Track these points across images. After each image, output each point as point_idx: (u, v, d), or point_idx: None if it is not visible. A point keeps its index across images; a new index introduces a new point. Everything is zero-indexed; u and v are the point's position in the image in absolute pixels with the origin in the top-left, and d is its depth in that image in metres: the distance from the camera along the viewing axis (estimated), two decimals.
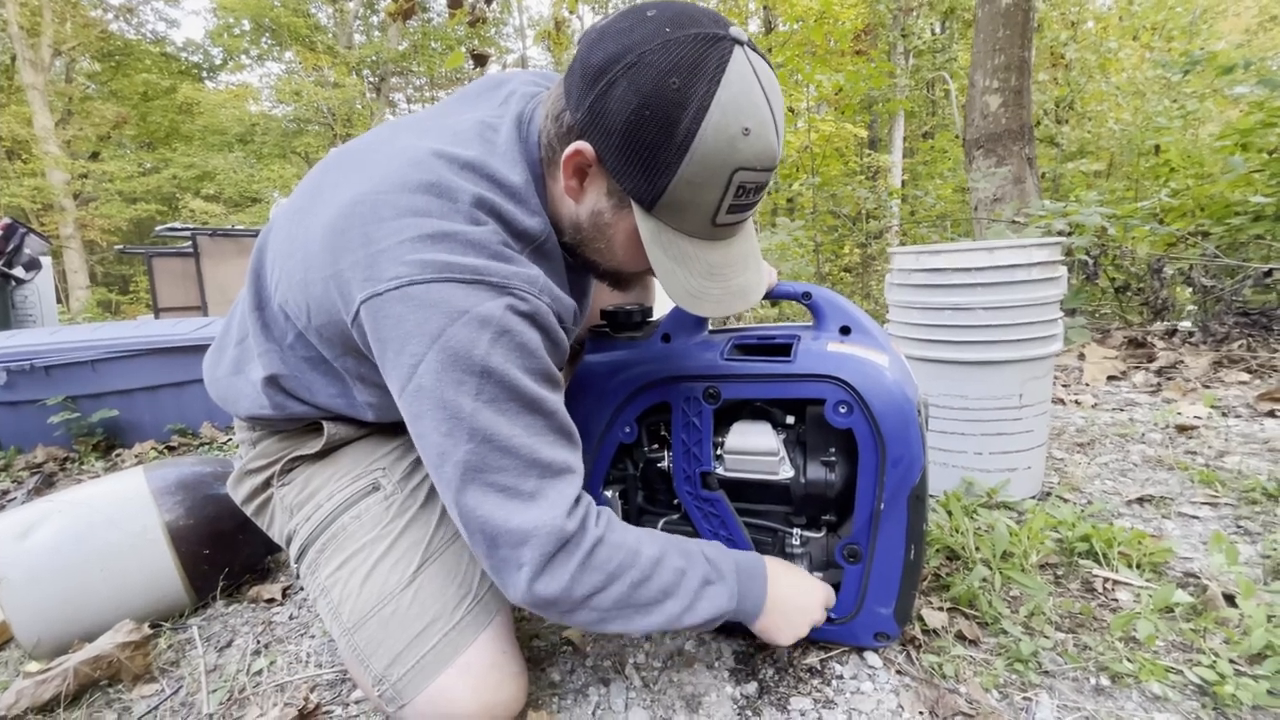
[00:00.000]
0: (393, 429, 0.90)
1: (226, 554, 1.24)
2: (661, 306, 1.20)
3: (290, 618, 1.17)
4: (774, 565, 0.86)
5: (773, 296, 0.95)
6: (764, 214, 8.58)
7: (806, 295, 0.95)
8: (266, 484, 0.91)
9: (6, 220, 3.68)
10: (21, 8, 10.71)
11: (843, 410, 0.86)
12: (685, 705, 0.88)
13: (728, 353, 0.94)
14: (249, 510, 0.95)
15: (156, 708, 0.94)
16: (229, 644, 1.10)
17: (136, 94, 14.67)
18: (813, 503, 0.93)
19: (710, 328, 1.05)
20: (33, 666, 1.02)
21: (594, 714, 0.88)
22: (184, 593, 1.18)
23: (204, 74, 16.67)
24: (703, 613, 0.74)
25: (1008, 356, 1.30)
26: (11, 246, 3.68)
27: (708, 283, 0.70)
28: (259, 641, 1.10)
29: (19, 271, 3.77)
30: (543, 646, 1.02)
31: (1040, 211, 2.91)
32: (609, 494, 1.04)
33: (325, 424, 0.87)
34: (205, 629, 1.14)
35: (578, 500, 0.68)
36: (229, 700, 0.94)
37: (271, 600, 1.23)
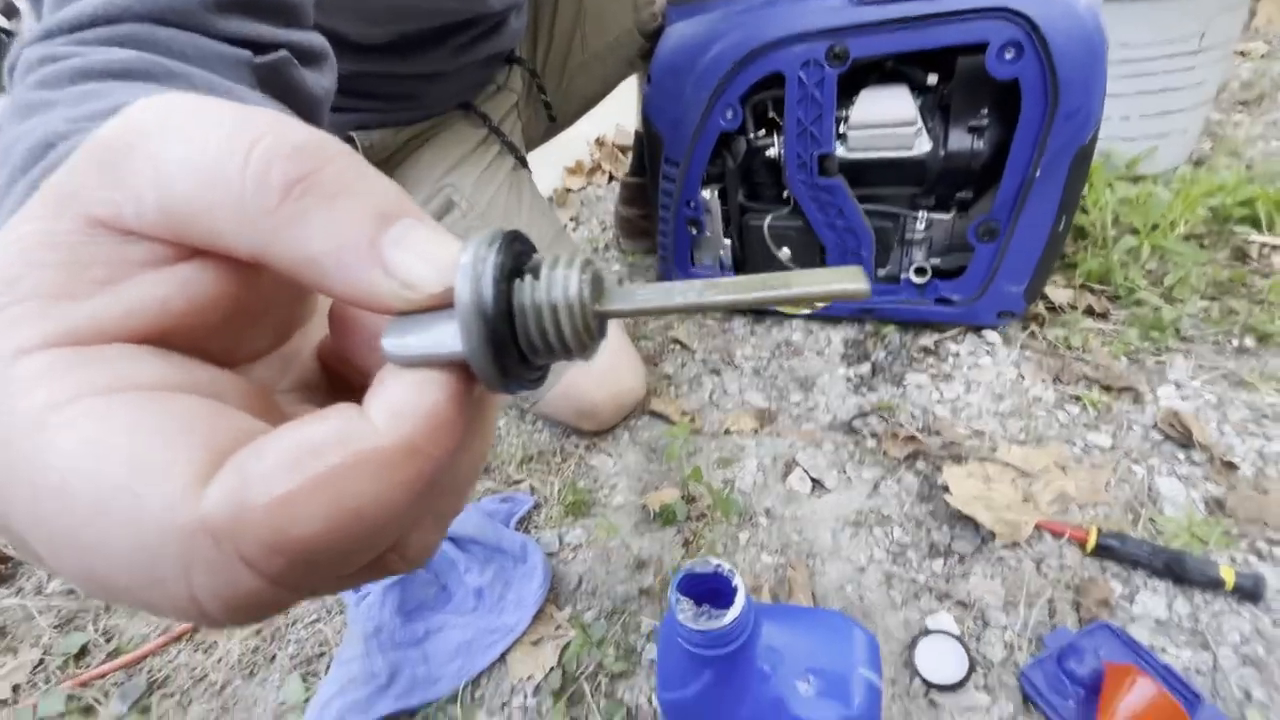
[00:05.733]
0: (431, 134, 0.79)
1: None
2: None
3: None
4: None
5: None
6: None
7: None
8: None
9: None
10: None
11: (1009, 55, 0.70)
12: (799, 386, 0.92)
13: None
14: None
15: None
16: None
17: None
18: (949, 179, 0.83)
19: None
20: None
21: (710, 398, 0.94)
22: None
23: None
24: None
25: None
26: None
27: None
28: None
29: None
30: (651, 345, 1.06)
31: None
32: (706, 194, 0.96)
33: (354, 135, 0.74)
34: None
35: None
36: None
37: None
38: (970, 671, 0.55)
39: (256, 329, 0.16)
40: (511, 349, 0.13)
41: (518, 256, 0.13)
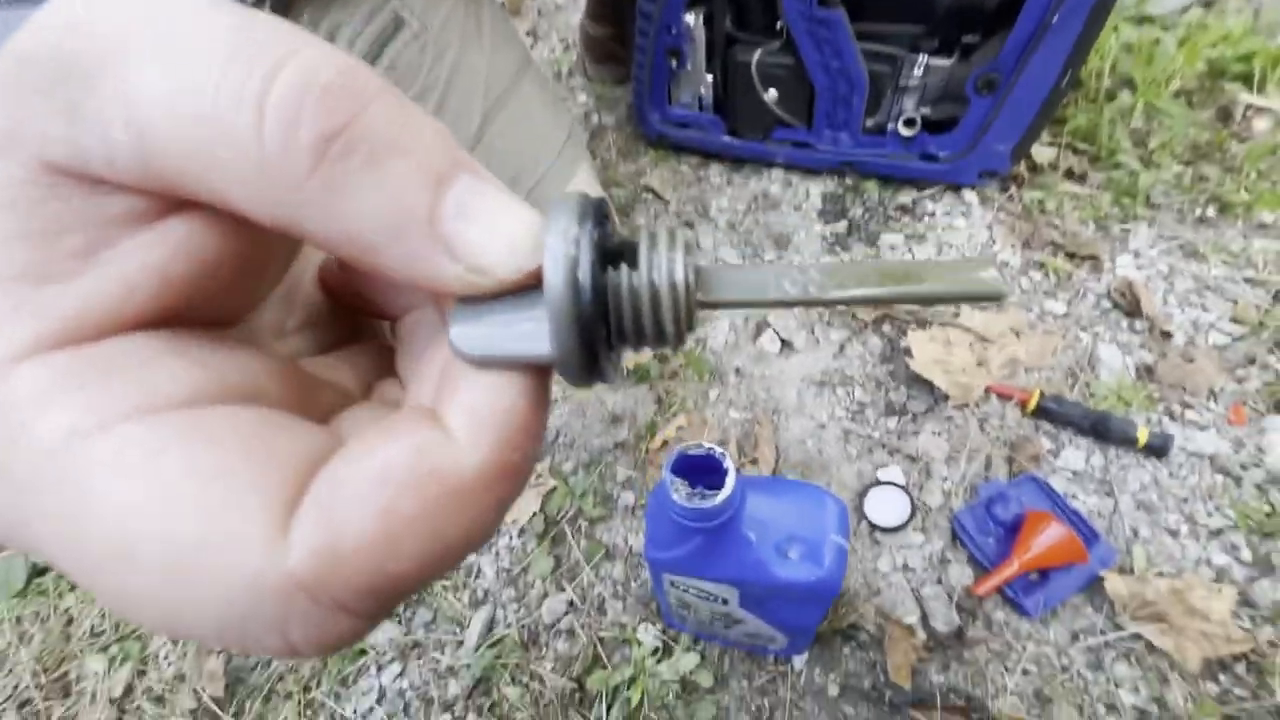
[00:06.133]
0: None
1: None
2: None
3: None
4: None
5: None
6: None
7: None
8: None
9: None
10: None
11: None
12: (774, 243, 0.91)
13: None
14: None
15: None
16: None
17: None
18: (958, 19, 0.75)
19: None
20: None
21: None
22: None
23: None
24: None
25: None
26: None
27: None
28: None
29: None
30: (623, 194, 1.00)
31: None
32: (690, 19, 0.85)
33: None
34: None
35: None
36: None
37: None
38: (911, 516, 0.63)
39: (260, 276, 0.14)
40: (603, 344, 0.11)
41: (603, 234, 0.11)
